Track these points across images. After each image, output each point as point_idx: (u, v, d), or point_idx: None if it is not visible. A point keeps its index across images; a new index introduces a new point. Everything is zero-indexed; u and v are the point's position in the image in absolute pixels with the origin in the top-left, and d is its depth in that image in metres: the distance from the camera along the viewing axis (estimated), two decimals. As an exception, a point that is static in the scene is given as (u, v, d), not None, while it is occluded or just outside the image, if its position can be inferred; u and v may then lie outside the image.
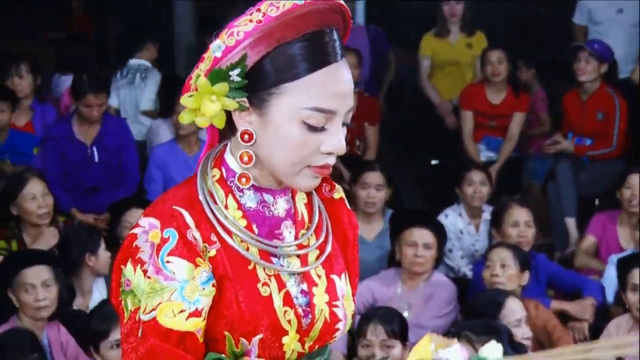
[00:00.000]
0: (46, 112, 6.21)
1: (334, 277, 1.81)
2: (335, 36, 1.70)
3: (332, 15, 1.70)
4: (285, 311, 1.72)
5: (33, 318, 4.02)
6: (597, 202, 6.21)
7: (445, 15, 6.84)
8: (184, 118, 1.71)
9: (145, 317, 1.65)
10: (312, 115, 1.66)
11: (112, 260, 2.73)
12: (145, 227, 1.68)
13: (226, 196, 1.73)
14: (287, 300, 1.73)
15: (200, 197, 1.71)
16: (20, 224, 4.92)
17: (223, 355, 1.71)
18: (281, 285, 1.73)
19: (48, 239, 4.85)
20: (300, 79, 1.66)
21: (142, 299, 1.65)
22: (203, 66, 1.70)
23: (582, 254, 5.44)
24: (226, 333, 1.69)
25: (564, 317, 4.69)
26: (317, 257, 1.79)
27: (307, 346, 1.76)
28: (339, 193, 1.91)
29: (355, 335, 4.12)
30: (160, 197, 1.74)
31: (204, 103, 1.67)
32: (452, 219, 5.49)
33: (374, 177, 5.31)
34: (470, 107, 6.42)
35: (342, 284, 1.82)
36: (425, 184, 6.87)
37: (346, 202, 1.92)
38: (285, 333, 1.72)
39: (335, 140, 1.68)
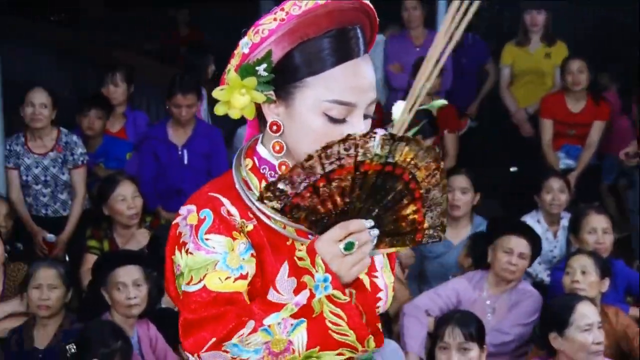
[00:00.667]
0: (138, 118, 6.34)
1: None
2: (359, 34, 1.78)
3: (355, 14, 1.78)
4: None
5: (124, 315, 4.14)
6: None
7: (527, 25, 6.84)
8: (219, 110, 1.80)
9: (193, 289, 1.73)
10: (333, 107, 1.75)
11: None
12: (183, 214, 1.79)
13: (260, 182, 1.81)
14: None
15: (237, 185, 1.80)
16: (112, 225, 5.08)
17: None
18: None
19: (139, 239, 4.98)
20: (322, 73, 1.75)
21: (186, 274, 1.74)
22: (233, 62, 1.81)
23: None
24: None
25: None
26: None
27: None
28: None
29: (433, 337, 4.16)
30: (198, 190, 1.84)
31: (234, 96, 1.77)
32: (531, 225, 5.48)
33: (460, 181, 5.26)
34: (550, 115, 6.37)
35: (379, 256, 1.89)
36: (502, 190, 6.85)
37: None
38: None
39: (356, 132, 1.74)
